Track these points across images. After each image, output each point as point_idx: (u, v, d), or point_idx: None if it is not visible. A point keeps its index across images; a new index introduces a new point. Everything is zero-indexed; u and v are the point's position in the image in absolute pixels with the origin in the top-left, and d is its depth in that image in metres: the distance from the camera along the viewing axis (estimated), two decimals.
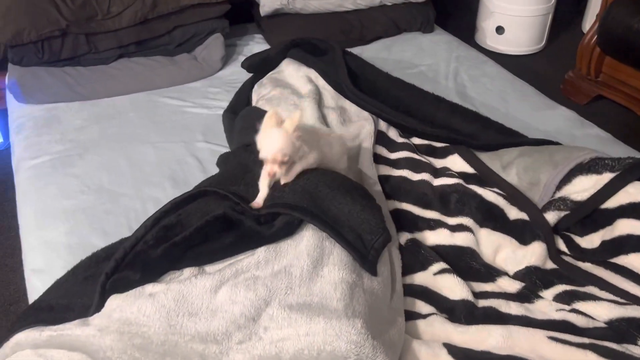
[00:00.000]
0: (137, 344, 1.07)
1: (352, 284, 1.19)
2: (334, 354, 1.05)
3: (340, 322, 1.10)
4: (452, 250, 1.47)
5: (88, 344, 1.07)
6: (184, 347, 1.07)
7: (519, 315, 1.31)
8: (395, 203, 1.58)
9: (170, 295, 1.13)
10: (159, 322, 1.09)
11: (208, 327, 1.11)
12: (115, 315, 1.11)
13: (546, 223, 1.46)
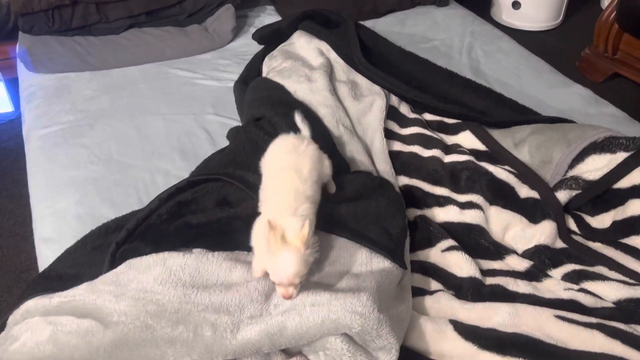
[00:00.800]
0: (151, 310, 1.08)
1: (360, 269, 1.19)
2: (338, 322, 1.06)
3: (345, 295, 1.10)
4: (461, 227, 1.46)
5: (99, 309, 1.08)
6: (196, 316, 1.08)
7: (527, 293, 1.30)
8: (405, 179, 1.57)
9: (187, 270, 1.14)
10: (173, 291, 1.10)
11: (222, 299, 1.11)
12: (132, 285, 1.12)
13: (557, 202, 1.44)
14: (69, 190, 1.61)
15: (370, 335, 1.08)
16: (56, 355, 1.03)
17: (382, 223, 1.28)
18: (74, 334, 1.05)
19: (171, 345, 1.04)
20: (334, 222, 1.25)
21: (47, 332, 1.06)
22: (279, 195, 1.16)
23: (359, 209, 1.28)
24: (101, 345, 1.04)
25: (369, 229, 1.26)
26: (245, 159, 1.41)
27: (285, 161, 1.23)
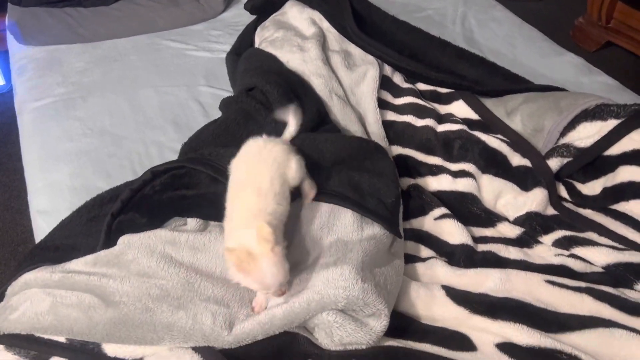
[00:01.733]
0: (154, 294, 1.09)
1: (350, 236, 1.20)
2: (323, 301, 1.08)
3: (327, 272, 1.12)
4: (454, 195, 1.47)
5: (102, 287, 1.09)
6: (198, 305, 1.09)
7: (518, 259, 1.33)
8: (399, 148, 1.58)
9: (186, 256, 1.16)
10: (177, 278, 1.12)
11: (224, 292, 1.13)
12: (133, 267, 1.13)
13: (548, 169, 1.46)
14: (63, 163, 1.62)
15: (356, 306, 1.10)
16: (55, 326, 1.05)
17: (377, 193, 1.29)
18: (74, 307, 1.07)
19: (169, 331, 1.05)
20: (331, 191, 1.26)
21: (47, 303, 1.08)
22: (237, 213, 1.10)
23: (354, 177, 1.29)
24: (101, 321, 1.05)
25: (366, 199, 1.27)
26: (237, 128, 1.41)
27: (244, 173, 1.15)
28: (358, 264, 1.13)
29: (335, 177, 1.28)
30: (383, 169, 1.35)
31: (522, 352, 1.12)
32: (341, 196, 1.24)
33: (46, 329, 1.04)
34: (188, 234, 1.17)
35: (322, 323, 1.12)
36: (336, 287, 1.08)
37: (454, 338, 1.16)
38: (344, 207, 1.23)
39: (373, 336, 1.10)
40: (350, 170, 1.30)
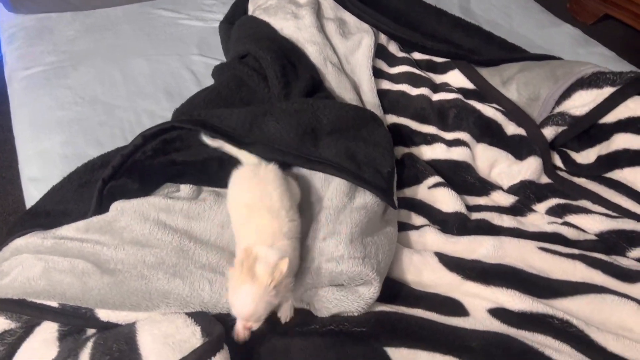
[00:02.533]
0: (149, 262, 1.09)
1: (341, 207, 1.20)
2: (311, 275, 1.09)
3: (316, 246, 1.13)
4: (448, 164, 1.47)
5: (97, 254, 1.09)
6: (194, 272, 1.09)
7: (511, 227, 1.33)
8: (393, 117, 1.57)
9: (180, 224, 1.15)
10: (171, 246, 1.11)
11: (219, 259, 1.13)
12: (126, 235, 1.12)
13: (543, 138, 1.45)
14: (54, 131, 1.60)
15: (343, 280, 1.10)
16: (48, 291, 1.04)
17: (373, 162, 1.28)
18: (68, 273, 1.06)
19: (164, 298, 1.05)
20: (327, 161, 1.25)
21: (39, 268, 1.07)
22: (252, 234, 1.04)
23: (350, 146, 1.28)
24: (96, 287, 1.05)
25: (362, 168, 1.26)
26: (229, 94, 1.39)
27: (248, 196, 1.10)
28: (347, 237, 1.13)
29: (331, 146, 1.27)
30: (379, 138, 1.34)
31: (514, 317, 1.12)
32: (337, 166, 1.24)
33: (38, 293, 1.04)
34: (182, 202, 1.17)
35: (313, 294, 1.12)
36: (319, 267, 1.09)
37: (446, 303, 1.16)
38: (340, 177, 1.22)
39: (362, 303, 1.10)
40: (346, 139, 1.29)
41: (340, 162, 1.22)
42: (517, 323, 1.11)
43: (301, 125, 1.26)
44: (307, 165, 1.20)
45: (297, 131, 1.24)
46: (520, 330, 1.10)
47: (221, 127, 1.23)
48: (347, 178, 1.21)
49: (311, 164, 1.21)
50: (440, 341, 1.07)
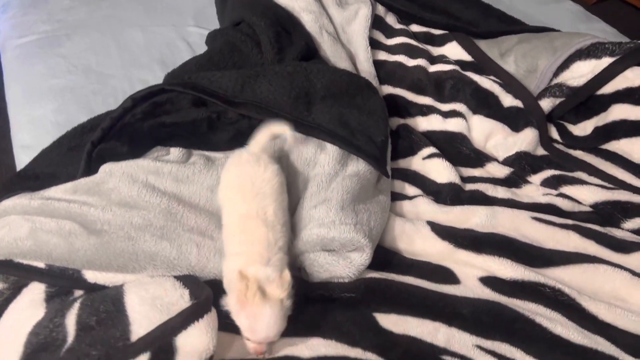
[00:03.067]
0: (136, 223, 1.07)
1: (333, 174, 1.19)
2: (302, 242, 1.08)
3: (307, 213, 1.12)
4: (443, 135, 1.45)
5: (83, 215, 1.07)
6: (182, 235, 1.08)
7: (505, 198, 1.32)
8: (389, 88, 1.55)
9: (169, 187, 1.13)
10: (159, 208, 1.09)
11: (208, 223, 1.11)
12: (114, 196, 1.11)
13: (540, 110, 1.43)
14: (46, 99, 1.58)
15: (334, 246, 1.10)
16: (34, 252, 1.03)
17: (366, 130, 1.27)
18: (54, 234, 1.05)
19: (151, 260, 1.04)
20: (319, 127, 1.23)
21: (26, 228, 1.06)
22: (247, 246, 1.01)
23: (344, 113, 1.26)
24: (82, 247, 1.04)
25: (355, 136, 1.24)
26: (221, 59, 1.38)
27: (242, 205, 1.05)
28: (338, 203, 1.12)
29: (325, 111, 1.25)
30: (373, 106, 1.33)
31: (506, 286, 1.11)
32: (330, 132, 1.22)
33: (25, 254, 1.03)
34: (171, 165, 1.15)
35: (304, 259, 1.11)
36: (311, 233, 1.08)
37: (437, 271, 1.15)
38: (332, 143, 1.21)
39: (353, 269, 1.10)
40: (340, 106, 1.27)
41: (333, 129, 1.20)
42: (508, 291, 1.11)
43: (294, 88, 1.24)
44: (300, 129, 1.19)
45: (290, 94, 1.23)
46: (512, 299, 1.10)
47: (211, 89, 1.21)
48: (340, 145, 1.20)
49: (304, 128, 1.19)
50: (430, 308, 1.06)
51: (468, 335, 1.03)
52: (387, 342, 1.00)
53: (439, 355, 0.99)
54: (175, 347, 0.93)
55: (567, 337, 1.02)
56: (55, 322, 1.00)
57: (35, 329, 1.00)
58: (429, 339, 1.01)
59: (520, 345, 1.02)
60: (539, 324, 1.04)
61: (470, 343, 1.01)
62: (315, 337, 1.00)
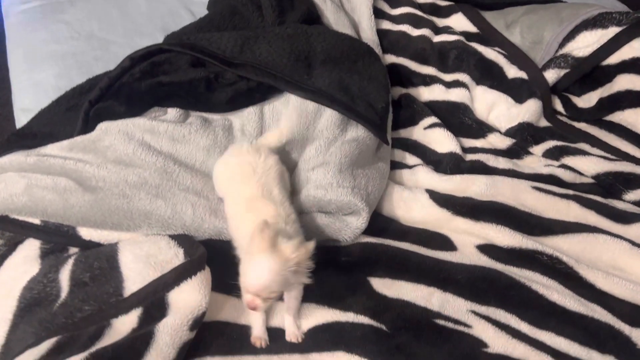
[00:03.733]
0: (131, 181, 1.07)
1: (332, 139, 1.18)
2: (300, 202, 1.08)
3: (305, 175, 1.12)
4: (446, 105, 1.44)
5: (78, 172, 1.07)
6: (177, 195, 1.07)
7: (506, 169, 1.30)
8: (392, 57, 1.53)
9: (165, 146, 1.13)
10: (155, 167, 1.09)
11: (203, 184, 1.11)
12: (110, 154, 1.10)
13: (544, 81, 1.41)
14: (48, 64, 1.57)
15: (331, 208, 1.09)
16: (29, 207, 1.03)
17: (367, 97, 1.25)
18: (50, 190, 1.05)
19: (146, 219, 1.04)
20: (318, 90, 1.22)
21: (22, 185, 1.06)
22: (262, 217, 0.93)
23: (344, 78, 1.25)
24: (77, 204, 1.04)
25: (355, 102, 1.23)
26: (221, 21, 1.37)
27: (249, 189, 1.01)
28: (335, 166, 1.12)
29: (325, 75, 1.24)
30: (375, 73, 1.31)
31: (503, 253, 1.10)
32: (329, 97, 1.21)
33: (20, 209, 1.03)
34: (168, 124, 1.15)
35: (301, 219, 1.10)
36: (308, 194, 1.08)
37: (434, 238, 1.14)
38: (332, 108, 1.20)
39: (350, 232, 1.09)
40: (340, 71, 1.26)
41: (333, 93, 1.19)
42: (505, 259, 1.10)
43: (294, 50, 1.23)
44: (299, 92, 1.18)
45: (290, 57, 1.21)
46: (508, 266, 1.09)
47: (210, 49, 1.20)
48: (339, 110, 1.18)
49: (303, 91, 1.18)
50: (425, 273, 1.05)
51: (462, 300, 1.02)
52: (380, 305, 0.99)
53: (432, 319, 0.98)
54: (167, 303, 0.93)
55: (563, 304, 1.01)
56: (49, 277, 1.00)
57: (30, 284, 1.00)
58: (422, 303, 1.00)
59: (515, 311, 1.01)
60: (535, 291, 1.03)
61: (464, 308, 1.01)
62: (309, 303, 0.99)
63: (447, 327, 0.97)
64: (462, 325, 0.98)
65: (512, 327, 0.99)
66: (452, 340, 0.95)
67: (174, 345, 0.87)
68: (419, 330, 0.96)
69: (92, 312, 0.95)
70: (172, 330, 0.88)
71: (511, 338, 0.97)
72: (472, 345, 0.95)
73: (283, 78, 1.18)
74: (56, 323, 0.93)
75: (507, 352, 0.95)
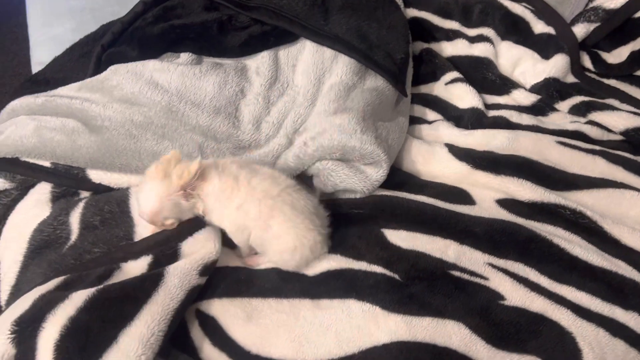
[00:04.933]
0: (137, 121, 1.05)
1: (351, 85, 1.15)
2: (321, 149, 1.05)
3: (327, 120, 1.07)
4: (469, 60, 1.39)
5: (85, 111, 1.05)
6: (184, 135, 1.05)
7: (530, 125, 1.25)
8: (414, 11, 1.47)
9: (173, 84, 1.10)
10: (160, 106, 1.07)
11: (210, 123, 1.08)
12: (116, 93, 1.09)
13: (573, 36, 1.35)
14: (65, 18, 1.56)
15: (353, 156, 1.06)
16: (39, 148, 1.03)
17: (385, 46, 1.21)
18: (58, 131, 1.05)
19: (154, 160, 1.01)
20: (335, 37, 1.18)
21: (31, 126, 1.05)
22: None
23: (362, 25, 1.20)
24: (84, 145, 1.03)
25: (373, 50, 1.19)
26: None
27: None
28: (359, 114, 1.08)
29: (342, 22, 1.19)
30: (394, 22, 1.26)
31: (524, 208, 1.06)
32: (346, 44, 1.17)
33: (30, 151, 1.02)
34: (178, 65, 1.12)
35: (318, 170, 1.08)
36: (331, 138, 1.04)
37: (452, 192, 1.11)
38: (349, 56, 1.16)
39: (368, 184, 1.06)
40: (359, 18, 1.21)
41: (350, 40, 1.15)
42: (526, 213, 1.06)
43: None
44: (315, 38, 1.14)
45: (307, 0, 1.17)
46: (529, 220, 1.05)
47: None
48: (356, 58, 1.15)
49: (319, 37, 1.15)
50: (442, 225, 1.02)
51: (480, 253, 0.98)
52: (393, 256, 0.96)
53: (448, 270, 0.95)
54: (179, 253, 0.92)
55: (585, 259, 0.97)
56: (60, 220, 0.99)
57: (40, 226, 1.00)
58: (438, 255, 0.97)
59: (535, 265, 0.97)
60: (556, 245, 0.99)
61: (481, 260, 0.97)
62: None
63: (462, 278, 0.94)
64: (479, 277, 0.95)
65: (530, 280, 0.95)
66: (468, 292, 0.92)
67: (183, 287, 0.85)
68: (433, 280, 0.93)
69: (101, 254, 0.94)
70: (182, 274, 0.87)
71: (529, 291, 0.93)
72: (488, 297, 0.92)
73: (299, 22, 1.14)
74: (65, 264, 0.93)
75: (524, 305, 0.91)
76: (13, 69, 2.16)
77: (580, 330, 0.89)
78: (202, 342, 0.86)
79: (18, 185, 1.05)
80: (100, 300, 0.81)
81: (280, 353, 0.84)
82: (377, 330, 0.86)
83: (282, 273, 0.93)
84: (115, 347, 0.77)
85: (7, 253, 1.01)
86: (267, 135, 1.12)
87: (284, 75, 1.17)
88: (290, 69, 1.16)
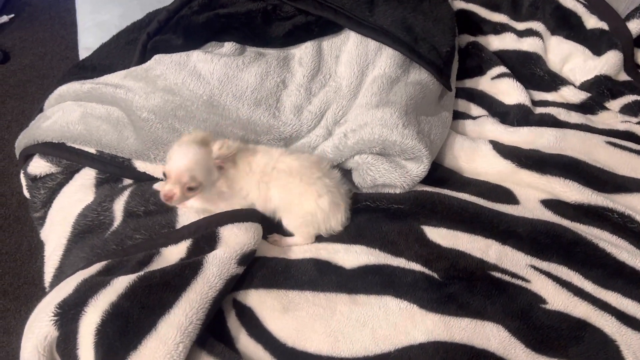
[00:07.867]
0: (180, 115, 1.06)
1: (394, 78, 1.13)
2: (362, 142, 1.04)
3: (369, 113, 1.06)
4: (516, 55, 1.35)
5: (129, 101, 1.07)
6: (224, 129, 1.06)
7: (579, 123, 1.21)
8: (461, 3, 1.44)
9: (215, 75, 1.10)
10: (201, 100, 1.07)
11: (250, 115, 1.08)
12: (160, 83, 1.09)
13: (627, 32, 1.30)
14: (113, 5, 1.59)
15: (393, 150, 1.05)
16: (84, 136, 1.05)
17: (431, 39, 1.19)
18: (104, 120, 1.06)
19: None
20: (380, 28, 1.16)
21: (78, 113, 1.07)
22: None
23: (408, 17, 1.18)
24: (130, 136, 1.04)
25: (418, 43, 1.17)
26: None
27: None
28: (402, 108, 1.07)
29: (388, 14, 1.18)
30: (441, 14, 1.24)
31: (569, 209, 1.03)
32: (391, 36, 1.15)
33: (76, 137, 1.04)
34: (223, 55, 1.13)
35: (357, 164, 1.07)
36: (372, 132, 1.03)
37: (495, 191, 1.08)
38: (393, 48, 1.14)
39: (409, 180, 1.05)
40: (404, 9, 1.19)
41: (395, 32, 1.13)
42: (571, 215, 1.03)
43: None
44: (360, 29, 1.13)
45: None
46: (575, 223, 1.02)
47: None
48: (401, 50, 1.13)
49: (364, 29, 1.13)
50: (484, 224, 1.00)
51: (522, 254, 0.96)
52: (433, 254, 0.95)
53: (488, 271, 0.93)
54: (218, 237, 0.92)
55: (632, 265, 0.94)
56: (104, 206, 1.01)
57: (84, 211, 1.02)
58: (478, 255, 0.95)
59: (580, 269, 0.94)
60: (602, 249, 0.96)
61: (523, 262, 0.95)
62: (359, 245, 0.96)
63: (503, 279, 0.92)
64: (520, 280, 0.92)
65: (574, 284, 0.92)
66: (508, 294, 0.90)
67: (221, 276, 0.86)
68: (473, 280, 0.91)
69: (142, 240, 0.95)
70: (220, 262, 0.87)
71: (572, 296, 0.91)
72: (529, 300, 0.90)
73: (344, 13, 1.12)
74: (107, 249, 0.95)
75: (567, 309, 0.89)
76: (61, 53, 2.20)
77: (624, 338, 0.86)
78: (238, 333, 0.86)
79: (64, 170, 1.07)
80: (141, 287, 0.82)
81: (316, 347, 0.84)
82: (414, 329, 0.85)
83: (319, 264, 0.93)
84: (155, 334, 0.78)
85: (52, 236, 1.04)
86: (308, 126, 1.11)
87: (327, 67, 1.15)
88: (333, 60, 1.15)
